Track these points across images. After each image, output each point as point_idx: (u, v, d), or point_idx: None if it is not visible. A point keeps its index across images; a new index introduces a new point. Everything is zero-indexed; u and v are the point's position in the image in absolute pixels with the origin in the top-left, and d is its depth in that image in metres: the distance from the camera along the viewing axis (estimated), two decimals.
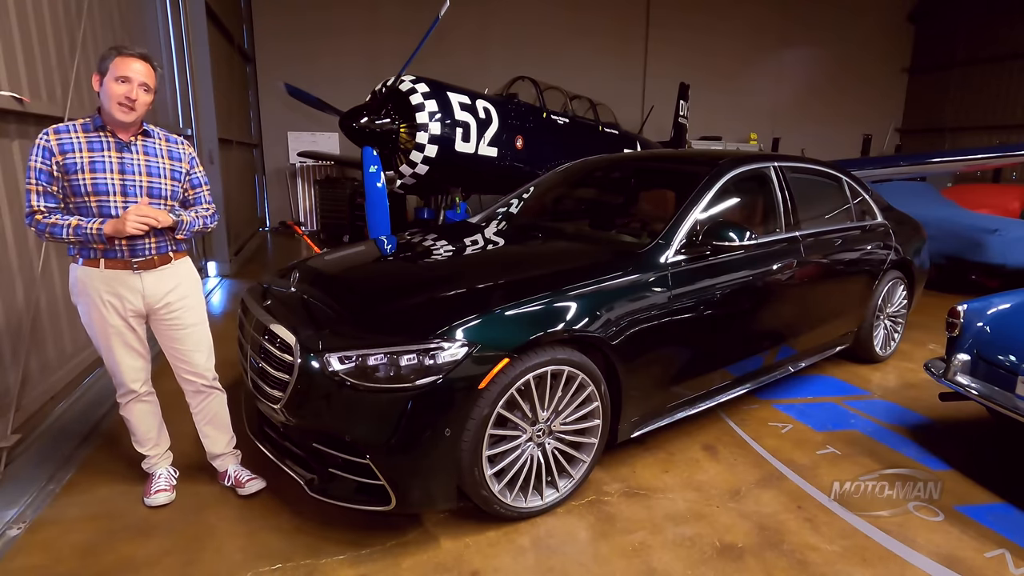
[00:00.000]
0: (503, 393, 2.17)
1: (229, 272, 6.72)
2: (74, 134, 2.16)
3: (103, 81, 2.14)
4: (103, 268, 2.22)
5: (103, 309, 2.26)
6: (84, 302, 2.27)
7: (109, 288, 2.25)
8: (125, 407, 2.47)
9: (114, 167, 2.18)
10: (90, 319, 2.29)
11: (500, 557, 2.20)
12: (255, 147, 11.14)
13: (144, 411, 2.50)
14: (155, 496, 2.48)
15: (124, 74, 2.12)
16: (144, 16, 5.49)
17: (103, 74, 2.14)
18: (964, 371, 2.89)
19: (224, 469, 2.63)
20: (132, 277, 2.26)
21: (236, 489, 2.57)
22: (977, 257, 5.87)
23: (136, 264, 2.26)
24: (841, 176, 4.07)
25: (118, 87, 2.12)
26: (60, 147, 2.12)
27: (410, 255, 3.30)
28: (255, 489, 2.56)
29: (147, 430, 2.53)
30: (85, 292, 2.25)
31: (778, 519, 2.46)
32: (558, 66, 11.63)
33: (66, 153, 2.12)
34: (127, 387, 2.41)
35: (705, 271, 2.84)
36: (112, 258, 2.22)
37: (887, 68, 16.03)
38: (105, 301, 2.25)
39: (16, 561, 2.15)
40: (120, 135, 2.21)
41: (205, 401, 2.56)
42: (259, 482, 2.58)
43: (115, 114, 2.14)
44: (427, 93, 5.90)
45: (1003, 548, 2.31)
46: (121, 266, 2.24)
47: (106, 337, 2.31)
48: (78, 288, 2.26)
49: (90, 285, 2.24)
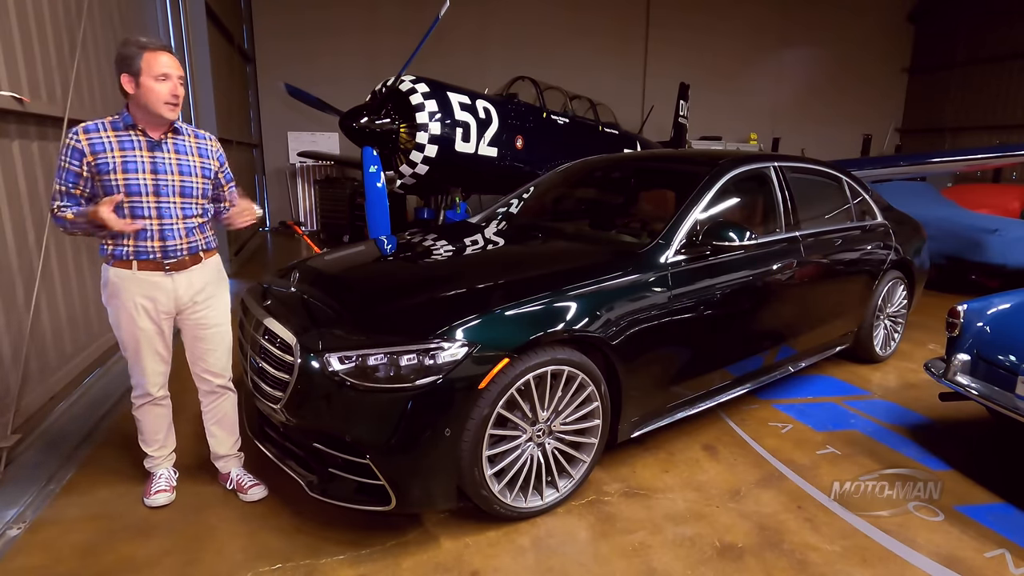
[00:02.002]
0: (503, 393, 2.17)
1: (229, 272, 6.70)
2: (104, 133, 2.12)
3: (139, 82, 2.07)
4: (135, 270, 2.21)
5: (135, 313, 2.24)
6: (115, 304, 2.26)
7: (142, 291, 2.23)
8: (139, 408, 2.46)
9: (146, 167, 2.16)
10: (119, 321, 2.27)
11: (500, 557, 2.20)
12: (255, 147, 11.14)
13: (157, 414, 2.49)
14: (155, 496, 2.48)
15: (164, 71, 2.08)
16: (144, 16, 5.49)
17: (135, 74, 2.06)
18: (964, 371, 2.89)
19: (227, 471, 2.62)
20: (164, 279, 2.25)
21: (238, 494, 2.56)
22: (977, 257, 5.87)
23: (168, 266, 2.25)
24: (841, 176, 4.07)
25: (162, 86, 2.08)
26: (91, 147, 2.09)
27: (410, 255, 3.30)
28: (258, 497, 2.53)
29: (156, 432, 2.52)
30: (117, 295, 2.23)
31: (778, 519, 2.46)
32: (558, 66, 11.62)
33: (98, 153, 2.09)
34: (145, 390, 2.40)
35: (705, 271, 2.84)
36: (144, 259, 2.20)
37: (887, 68, 16.03)
38: (138, 305, 2.24)
39: (16, 561, 2.15)
40: (151, 133, 2.17)
41: (217, 401, 2.55)
42: (262, 489, 2.55)
43: (164, 113, 2.12)
44: (427, 93, 5.90)
45: (1003, 548, 2.31)
46: (153, 267, 2.23)
47: (135, 341, 2.29)
48: (110, 290, 2.25)
49: (123, 288, 2.22)
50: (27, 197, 3.17)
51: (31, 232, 3.20)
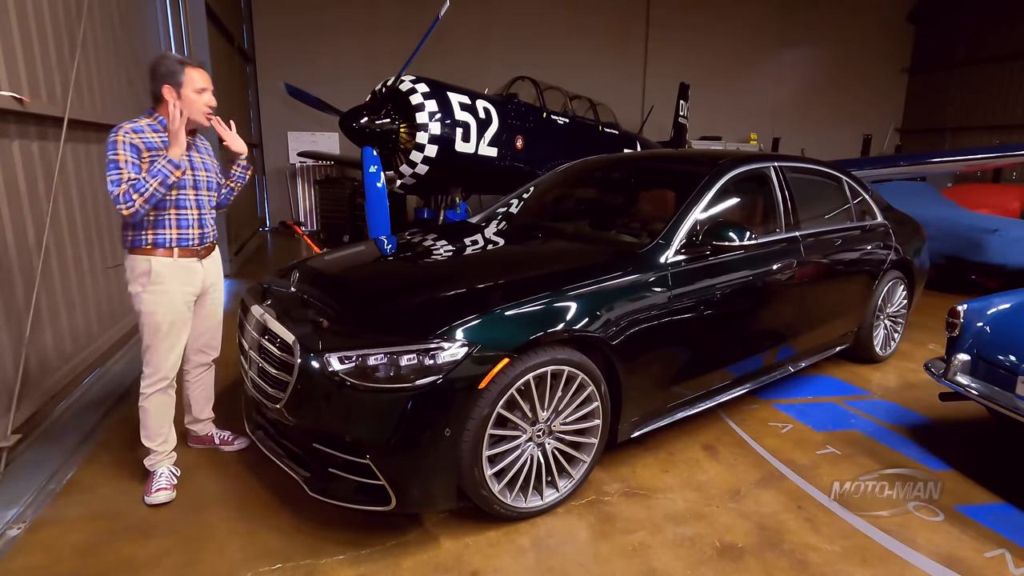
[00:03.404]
0: (503, 393, 2.17)
1: (229, 272, 6.74)
2: (151, 133, 2.37)
3: (180, 93, 2.38)
4: (177, 257, 2.45)
5: (178, 298, 2.47)
6: (157, 291, 2.43)
7: (183, 276, 2.48)
8: (151, 397, 2.52)
9: (185, 165, 2.43)
10: (157, 308, 2.44)
11: (500, 557, 2.20)
12: (255, 147, 11.13)
13: (166, 403, 2.57)
14: (156, 495, 2.49)
15: (203, 85, 2.44)
16: (144, 16, 5.49)
17: (177, 87, 2.38)
18: (964, 371, 2.89)
19: (206, 432, 2.89)
20: (198, 264, 2.54)
21: (223, 447, 2.87)
22: (977, 257, 5.87)
23: (201, 251, 2.55)
24: (841, 176, 4.07)
25: (200, 97, 2.43)
26: (145, 144, 2.34)
27: (410, 255, 3.30)
28: (242, 446, 2.87)
29: (161, 423, 2.56)
30: (160, 281, 2.42)
31: (778, 519, 2.46)
32: (558, 66, 11.62)
33: (152, 150, 2.34)
34: (164, 375, 2.51)
35: (705, 271, 2.84)
36: (185, 247, 2.47)
37: (887, 68, 16.03)
38: (181, 290, 2.48)
39: (16, 561, 2.15)
40: None
41: (206, 372, 2.82)
42: (243, 440, 2.87)
43: (202, 121, 2.47)
44: (427, 93, 5.90)
45: (1003, 548, 2.31)
46: (191, 254, 2.50)
47: (172, 325, 2.47)
48: (152, 278, 2.41)
49: (167, 275, 2.43)
50: (27, 197, 3.17)
51: (31, 232, 3.19)
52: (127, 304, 4.52)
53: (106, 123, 4.20)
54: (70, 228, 3.67)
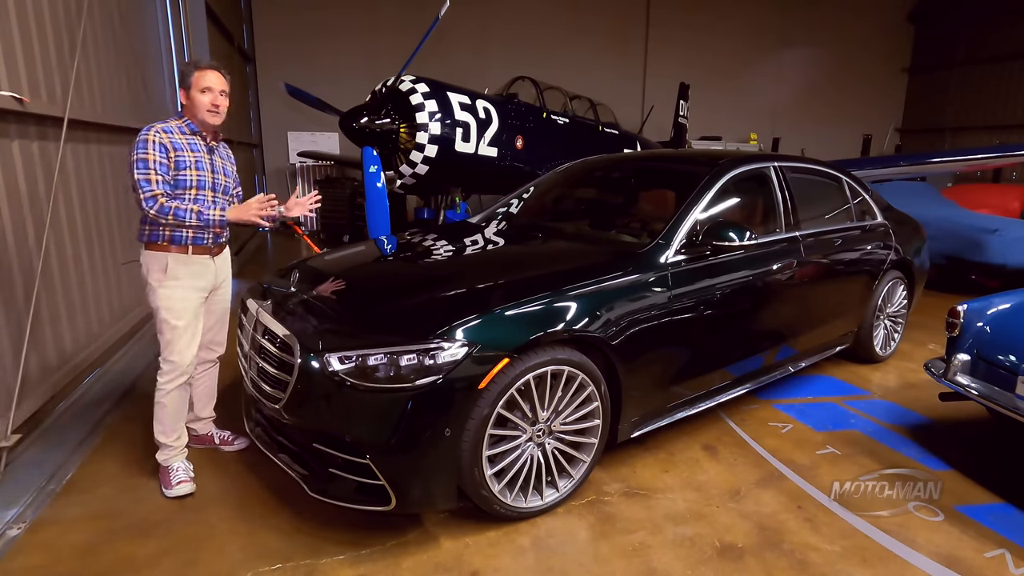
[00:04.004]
0: (503, 393, 2.17)
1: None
2: (179, 135, 2.46)
3: (189, 94, 2.46)
4: (191, 254, 2.50)
5: (192, 292, 2.52)
6: (172, 286, 2.48)
7: (197, 272, 2.53)
8: (170, 393, 2.55)
9: (207, 167, 2.54)
10: (173, 302, 2.48)
11: (500, 557, 2.20)
12: (255, 147, 11.14)
13: (183, 399, 2.61)
14: (178, 487, 2.52)
15: (207, 85, 2.46)
16: (144, 16, 5.49)
17: (187, 88, 2.46)
18: (964, 371, 2.89)
19: (206, 431, 2.91)
20: (210, 262, 2.59)
21: (223, 447, 2.88)
22: (977, 257, 5.87)
23: (215, 249, 2.61)
24: (841, 176, 4.07)
25: (203, 97, 2.47)
26: (173, 145, 2.42)
27: (410, 255, 3.30)
28: (242, 446, 2.88)
29: (177, 419, 2.59)
30: (176, 276, 2.48)
31: (778, 519, 2.46)
32: (558, 66, 11.63)
33: (178, 150, 2.43)
34: (183, 369, 2.54)
35: (705, 271, 2.84)
36: (200, 245, 2.53)
37: (887, 68, 16.04)
38: (195, 285, 2.53)
39: (16, 561, 2.15)
40: (208, 139, 2.56)
41: (211, 370, 2.86)
42: (243, 440, 2.88)
43: (207, 119, 2.49)
44: (427, 93, 5.90)
45: (1003, 548, 2.31)
46: (204, 252, 2.55)
47: (187, 319, 2.52)
48: (168, 273, 2.47)
49: (182, 271, 2.49)
50: (27, 197, 3.17)
51: (31, 232, 3.19)
52: (127, 304, 4.54)
53: (106, 123, 4.21)
54: (70, 228, 3.67)
